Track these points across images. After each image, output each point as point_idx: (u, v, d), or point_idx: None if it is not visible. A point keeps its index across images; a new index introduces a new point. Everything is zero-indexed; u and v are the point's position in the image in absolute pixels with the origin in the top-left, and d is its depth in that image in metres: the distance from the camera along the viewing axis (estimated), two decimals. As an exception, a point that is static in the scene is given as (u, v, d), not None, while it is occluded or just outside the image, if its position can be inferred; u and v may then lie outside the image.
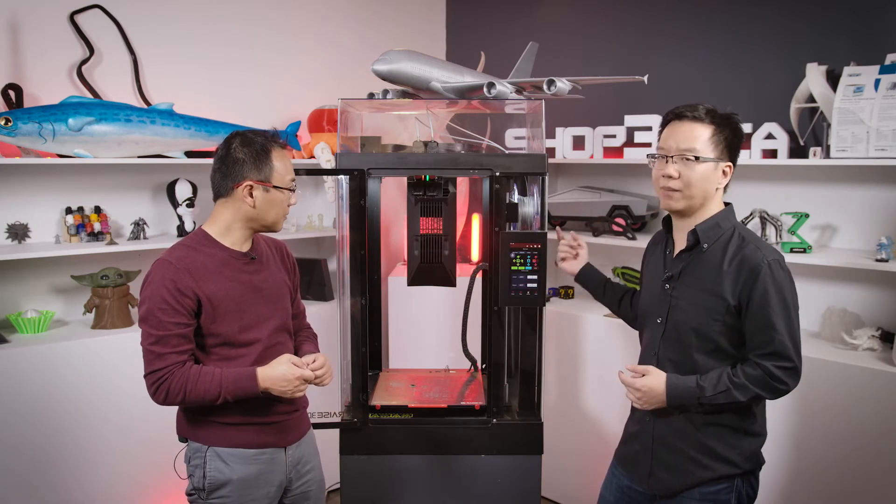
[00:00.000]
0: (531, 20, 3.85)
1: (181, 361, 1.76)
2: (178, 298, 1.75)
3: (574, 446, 3.21)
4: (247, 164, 1.81)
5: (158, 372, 1.74)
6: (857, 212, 2.77)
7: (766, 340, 1.67)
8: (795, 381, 1.69)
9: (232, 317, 1.82)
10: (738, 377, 1.68)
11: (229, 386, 1.76)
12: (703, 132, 1.73)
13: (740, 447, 1.76)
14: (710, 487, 1.76)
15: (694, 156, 1.72)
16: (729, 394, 1.68)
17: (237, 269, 1.86)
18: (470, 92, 2.54)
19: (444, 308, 3.13)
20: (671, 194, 1.76)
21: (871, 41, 2.72)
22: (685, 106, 1.77)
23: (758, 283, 1.66)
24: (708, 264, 1.74)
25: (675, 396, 1.74)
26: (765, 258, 1.67)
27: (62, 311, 2.95)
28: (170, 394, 1.74)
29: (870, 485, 2.38)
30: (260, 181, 1.82)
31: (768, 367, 1.66)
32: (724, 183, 1.76)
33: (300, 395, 1.84)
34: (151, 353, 1.75)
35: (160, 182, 3.12)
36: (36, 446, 2.55)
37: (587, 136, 3.35)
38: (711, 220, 1.76)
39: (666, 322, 1.80)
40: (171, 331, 1.74)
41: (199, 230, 1.88)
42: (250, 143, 1.83)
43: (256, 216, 1.85)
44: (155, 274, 1.77)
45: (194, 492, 1.86)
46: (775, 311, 1.66)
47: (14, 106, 2.72)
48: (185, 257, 1.80)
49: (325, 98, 3.50)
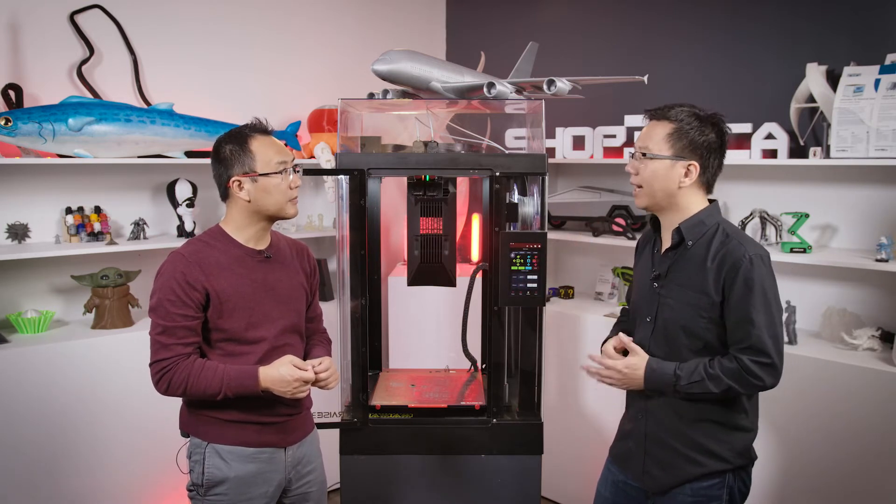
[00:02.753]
0: (531, 20, 3.85)
1: (186, 353, 1.78)
2: (186, 291, 1.77)
3: (574, 446, 3.21)
4: (229, 161, 1.83)
5: (163, 362, 1.76)
6: (857, 212, 2.77)
7: (744, 335, 1.68)
8: (772, 378, 1.69)
9: (239, 314, 1.83)
10: (713, 368, 1.69)
11: (231, 383, 1.77)
12: (660, 130, 1.75)
13: (731, 443, 1.76)
14: (701, 483, 1.77)
15: (642, 153, 1.76)
16: (703, 384, 1.69)
17: (250, 267, 1.87)
18: (470, 92, 2.54)
19: (444, 308, 3.13)
20: (635, 191, 1.82)
21: (871, 41, 2.72)
22: (660, 106, 1.79)
23: (738, 277, 1.67)
24: (693, 261, 1.75)
25: (652, 380, 1.76)
26: (746, 253, 1.68)
27: (62, 311, 2.95)
28: (171, 385, 1.76)
29: (869, 485, 2.38)
30: (245, 174, 1.83)
31: (744, 360, 1.67)
32: (689, 182, 1.74)
33: (302, 397, 1.84)
34: (157, 342, 1.78)
35: (160, 182, 3.12)
36: (36, 446, 2.54)
37: (587, 136, 3.35)
38: (695, 218, 1.76)
39: (655, 321, 1.81)
40: (177, 322, 1.76)
41: (216, 227, 1.91)
42: (231, 139, 1.86)
43: (257, 208, 1.85)
44: (167, 266, 1.81)
45: (193, 488, 1.87)
46: (754, 306, 1.66)
47: (14, 106, 2.72)
48: (198, 252, 1.82)
49: (325, 98, 3.50)
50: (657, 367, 1.76)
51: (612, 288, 3.40)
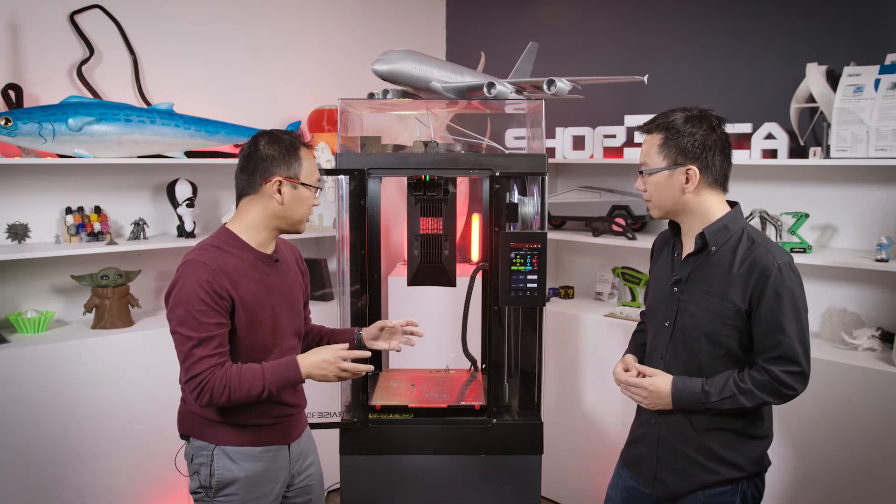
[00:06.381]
0: (531, 20, 3.85)
1: (221, 363, 1.73)
2: (215, 300, 1.72)
3: (574, 446, 3.21)
4: (276, 161, 1.82)
5: (199, 376, 1.70)
6: (857, 212, 2.77)
7: (774, 343, 1.65)
8: (803, 386, 1.67)
9: (256, 320, 1.82)
10: (744, 383, 1.67)
11: (272, 378, 1.75)
12: (652, 144, 1.76)
13: (745, 451, 1.74)
14: (714, 490, 1.75)
15: (640, 170, 1.79)
16: (735, 399, 1.67)
17: (262, 272, 1.85)
18: (470, 92, 2.54)
19: (444, 308, 3.13)
20: (647, 205, 1.83)
21: (871, 41, 2.72)
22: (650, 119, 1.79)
23: (768, 285, 1.64)
24: (717, 268, 1.72)
25: (680, 400, 1.73)
26: (775, 261, 1.66)
27: (62, 311, 2.95)
28: (213, 395, 1.71)
29: (871, 485, 2.38)
30: (289, 177, 1.82)
31: (776, 371, 1.65)
32: (692, 186, 1.72)
33: (347, 377, 1.83)
34: (192, 356, 1.70)
35: (160, 182, 3.12)
36: (36, 446, 2.54)
37: (587, 136, 3.35)
38: (719, 223, 1.74)
39: (674, 326, 1.79)
40: (212, 332, 1.71)
41: (224, 229, 1.86)
42: (279, 141, 1.84)
43: (284, 213, 1.84)
44: (189, 276, 1.73)
45: (200, 490, 1.86)
46: (785, 315, 1.64)
47: (14, 106, 2.72)
48: (218, 258, 1.77)
49: (325, 98, 3.50)
50: (683, 387, 1.72)
51: (612, 288, 3.40)
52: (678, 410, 1.75)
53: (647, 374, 1.79)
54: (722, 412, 1.70)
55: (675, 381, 1.74)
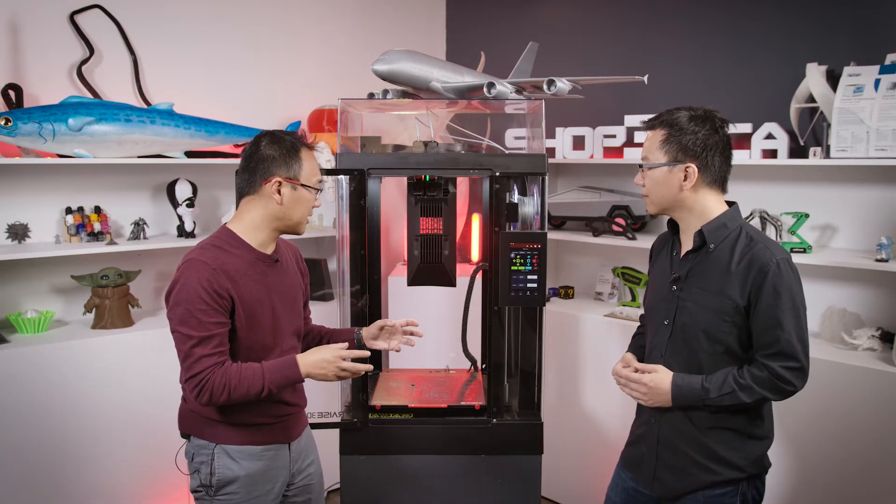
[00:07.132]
0: (531, 20, 3.85)
1: (221, 362, 1.73)
2: (216, 299, 1.73)
3: (574, 446, 3.21)
4: (276, 161, 1.82)
5: (199, 375, 1.71)
6: (857, 212, 2.77)
7: (772, 339, 1.66)
8: (802, 382, 1.68)
9: (256, 320, 1.82)
10: (743, 379, 1.67)
11: (272, 377, 1.75)
12: (655, 139, 1.77)
13: (746, 451, 1.75)
14: (714, 491, 1.75)
15: (639, 164, 1.80)
16: (734, 395, 1.67)
17: (262, 272, 1.86)
18: (470, 92, 2.54)
19: (444, 308, 3.13)
20: (644, 200, 1.84)
21: (871, 41, 2.72)
22: (655, 115, 1.80)
23: (766, 282, 1.65)
24: (715, 265, 1.73)
25: (679, 397, 1.73)
26: (773, 257, 1.67)
27: (62, 311, 2.95)
28: (213, 394, 1.72)
29: (871, 485, 2.38)
30: (289, 178, 1.83)
31: (774, 367, 1.65)
32: (689, 184, 1.73)
33: (346, 377, 1.84)
34: (192, 355, 1.71)
35: (160, 182, 3.12)
36: (36, 446, 2.55)
37: (587, 136, 3.35)
38: (717, 221, 1.75)
39: (673, 324, 1.79)
40: (212, 331, 1.72)
41: (224, 229, 1.87)
42: (280, 141, 1.84)
43: (283, 214, 1.84)
44: (190, 275, 1.73)
45: (201, 489, 1.86)
46: (783, 311, 1.65)
47: (14, 106, 2.72)
48: (218, 258, 1.77)
49: (325, 98, 3.50)
50: (683, 383, 1.73)
51: (612, 288, 3.40)
52: (677, 407, 1.76)
53: (646, 370, 1.79)
54: (721, 409, 1.70)
55: (675, 378, 1.75)
